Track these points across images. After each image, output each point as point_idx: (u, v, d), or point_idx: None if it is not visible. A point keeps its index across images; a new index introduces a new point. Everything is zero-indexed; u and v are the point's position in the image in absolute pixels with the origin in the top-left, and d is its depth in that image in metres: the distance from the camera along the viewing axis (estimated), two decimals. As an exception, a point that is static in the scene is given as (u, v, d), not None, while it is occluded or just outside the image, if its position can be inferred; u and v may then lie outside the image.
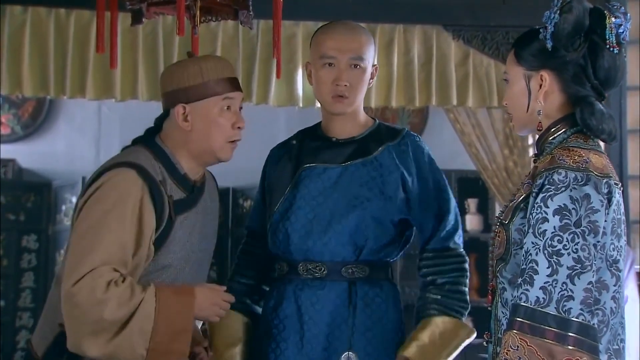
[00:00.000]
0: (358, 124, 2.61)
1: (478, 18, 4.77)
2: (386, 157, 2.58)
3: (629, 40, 5.20)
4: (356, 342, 2.50)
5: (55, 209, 6.53)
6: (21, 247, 6.47)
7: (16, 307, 6.41)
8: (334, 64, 2.52)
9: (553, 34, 2.06)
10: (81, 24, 4.54)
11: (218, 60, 2.45)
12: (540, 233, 1.95)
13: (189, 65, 2.40)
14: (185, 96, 2.37)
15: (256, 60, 4.64)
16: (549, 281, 1.92)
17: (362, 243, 2.53)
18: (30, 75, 4.50)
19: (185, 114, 2.37)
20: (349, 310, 2.50)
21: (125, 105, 5.02)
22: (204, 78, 2.37)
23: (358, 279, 2.54)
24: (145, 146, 2.41)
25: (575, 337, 1.90)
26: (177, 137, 2.39)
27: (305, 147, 2.62)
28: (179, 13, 2.49)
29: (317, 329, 2.50)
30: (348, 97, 2.53)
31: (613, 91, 4.86)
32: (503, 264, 2.09)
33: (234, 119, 2.39)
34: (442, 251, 2.59)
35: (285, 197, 2.57)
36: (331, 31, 2.57)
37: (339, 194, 2.54)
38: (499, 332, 2.09)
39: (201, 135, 2.37)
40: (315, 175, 2.56)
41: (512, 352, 1.90)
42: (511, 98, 2.16)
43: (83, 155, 6.67)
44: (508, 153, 5.20)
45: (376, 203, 2.54)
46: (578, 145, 2.05)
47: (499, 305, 2.10)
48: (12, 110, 6.74)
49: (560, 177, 1.97)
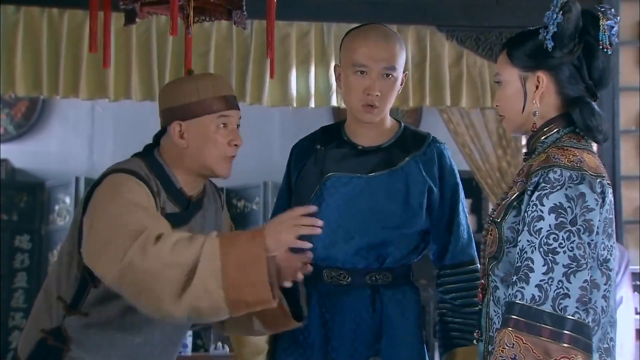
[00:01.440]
0: (384, 131, 2.59)
1: (472, 19, 4.78)
2: (413, 168, 2.56)
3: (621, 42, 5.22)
4: (381, 347, 2.49)
5: (48, 209, 6.53)
6: (14, 247, 6.46)
7: (9, 307, 6.40)
8: (366, 72, 2.48)
9: (556, 34, 2.05)
10: (74, 24, 4.54)
11: (215, 78, 2.45)
12: (535, 231, 1.95)
13: (185, 83, 2.40)
14: (181, 113, 2.37)
15: (250, 60, 4.64)
16: (545, 279, 1.92)
17: (385, 253, 2.53)
18: (24, 74, 4.50)
19: (181, 131, 2.37)
20: (373, 317, 2.50)
21: (118, 105, 5.01)
22: (200, 96, 2.37)
23: (382, 285, 2.53)
24: (141, 158, 2.40)
25: (570, 334, 1.90)
26: (174, 153, 2.40)
27: (331, 154, 2.59)
28: (173, 13, 2.49)
29: (342, 335, 2.50)
30: (378, 106, 2.50)
31: (605, 91, 4.90)
32: (495, 262, 2.09)
33: (230, 137, 2.39)
34: (459, 266, 2.60)
35: (311, 203, 2.54)
36: (364, 38, 2.52)
37: (364, 204, 2.52)
38: (491, 330, 2.09)
39: (197, 152, 2.37)
40: (341, 184, 2.53)
41: (507, 349, 1.90)
42: (505, 99, 2.15)
43: (76, 155, 6.66)
44: (501, 153, 5.20)
45: (401, 215, 2.53)
46: (572, 145, 2.06)
47: (491, 303, 2.10)
48: (5, 110, 6.73)
49: (556, 175, 1.97)
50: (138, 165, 2.36)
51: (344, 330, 2.49)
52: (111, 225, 2.18)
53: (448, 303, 2.61)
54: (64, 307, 2.31)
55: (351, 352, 2.49)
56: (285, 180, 2.70)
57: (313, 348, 2.51)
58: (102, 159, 6.72)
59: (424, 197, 2.55)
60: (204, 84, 2.39)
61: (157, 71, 4.58)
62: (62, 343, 2.31)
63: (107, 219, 2.20)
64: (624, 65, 4.96)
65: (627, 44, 4.99)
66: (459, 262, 2.60)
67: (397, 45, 2.52)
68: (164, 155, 2.41)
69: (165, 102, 2.42)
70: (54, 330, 2.33)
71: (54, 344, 2.32)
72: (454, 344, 2.58)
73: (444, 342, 2.62)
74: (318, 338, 2.50)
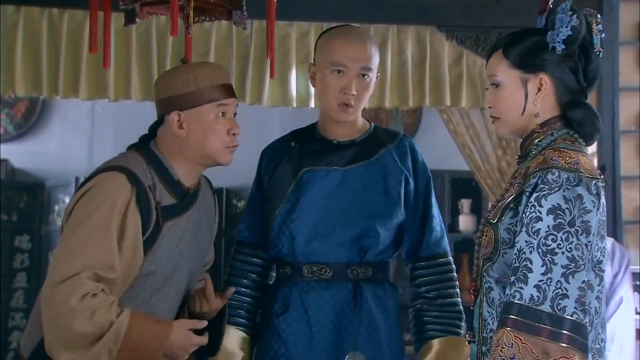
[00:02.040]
0: (357, 127, 2.63)
1: (471, 19, 4.78)
2: (389, 159, 2.61)
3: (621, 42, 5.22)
4: (362, 341, 2.51)
5: (48, 209, 6.52)
6: (14, 248, 6.45)
7: (9, 307, 6.39)
8: (344, 71, 2.53)
9: (570, 37, 2.07)
10: (74, 24, 4.54)
11: (212, 67, 2.45)
12: (534, 232, 1.96)
13: (183, 72, 2.39)
14: (180, 103, 2.37)
15: (250, 61, 4.64)
16: (543, 279, 1.93)
17: (367, 245, 2.55)
18: (23, 75, 4.50)
19: (180, 121, 2.37)
20: (354, 311, 2.51)
21: (118, 105, 5.01)
22: (198, 85, 2.36)
23: (362, 280, 2.55)
24: (138, 151, 2.40)
25: (569, 334, 1.91)
26: (173, 143, 2.39)
27: (306, 150, 2.62)
28: (173, 13, 2.49)
29: (325, 330, 2.51)
30: (354, 105, 2.55)
31: (605, 91, 4.90)
32: (490, 263, 2.09)
33: (229, 125, 2.39)
34: (434, 259, 2.64)
35: (287, 199, 2.56)
36: (343, 38, 2.56)
37: (343, 196, 2.55)
38: (484, 332, 2.10)
39: (197, 142, 2.37)
40: (319, 178, 2.56)
41: (506, 349, 1.91)
42: (503, 101, 2.15)
43: (76, 155, 6.65)
44: (501, 153, 5.20)
45: (381, 205, 2.56)
46: (567, 147, 2.07)
47: (484, 304, 2.10)
48: (5, 110, 6.73)
49: (554, 177, 1.98)
50: (135, 160, 2.36)
51: (327, 325, 2.51)
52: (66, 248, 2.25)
53: (422, 297, 2.64)
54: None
55: (333, 347, 2.51)
56: (256, 183, 2.72)
57: (297, 344, 2.52)
58: (102, 159, 6.65)
59: (401, 187, 2.59)
60: (202, 72, 2.38)
61: (157, 71, 4.58)
62: None
63: (66, 237, 2.27)
64: (624, 66, 4.95)
65: (627, 44, 4.99)
66: (433, 255, 2.64)
67: (372, 48, 2.58)
68: (161, 146, 2.40)
69: (163, 92, 2.41)
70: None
71: None
72: (430, 336, 2.61)
73: (419, 337, 2.63)
74: (301, 334, 2.51)
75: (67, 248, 2.25)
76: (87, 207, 2.27)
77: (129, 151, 2.44)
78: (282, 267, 2.61)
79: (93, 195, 2.29)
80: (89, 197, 2.29)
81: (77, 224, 2.26)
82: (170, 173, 2.38)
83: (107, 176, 2.30)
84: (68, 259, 2.22)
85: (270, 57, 2.81)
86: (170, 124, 2.38)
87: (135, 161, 2.35)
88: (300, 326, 2.53)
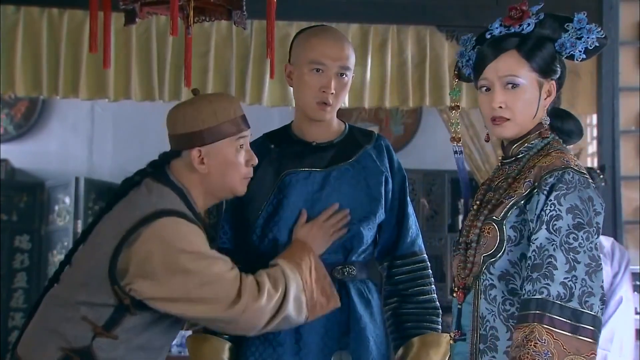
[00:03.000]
0: (333, 129, 2.63)
1: (471, 19, 4.78)
2: (368, 159, 2.61)
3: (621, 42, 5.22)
4: (349, 340, 2.51)
5: (48, 209, 6.52)
6: (14, 248, 6.45)
7: (8, 307, 6.40)
8: (323, 70, 2.53)
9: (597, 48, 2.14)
10: (74, 24, 4.54)
11: (230, 100, 2.44)
12: (555, 229, 2.00)
13: (203, 108, 2.38)
14: (201, 139, 2.36)
15: (250, 61, 4.64)
16: (569, 277, 1.97)
17: (351, 245, 2.56)
18: (23, 75, 4.50)
19: (201, 157, 2.37)
20: (341, 311, 2.51)
21: (118, 105, 5.01)
22: (218, 120, 2.36)
23: (347, 279, 2.55)
24: (170, 188, 2.38)
25: (593, 330, 1.97)
26: (193, 178, 2.39)
27: (285, 152, 2.60)
28: (173, 13, 2.49)
29: (313, 331, 2.51)
30: (332, 104, 2.55)
31: (605, 91, 4.89)
32: (492, 260, 2.10)
33: (247, 157, 2.41)
34: (410, 256, 2.65)
35: (269, 202, 2.55)
36: (322, 37, 2.57)
37: (326, 197, 2.55)
38: (482, 329, 2.10)
39: (218, 177, 2.38)
40: (301, 180, 2.55)
41: (540, 344, 1.94)
42: (522, 103, 2.14)
43: (76, 155, 6.66)
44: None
45: (364, 206, 2.57)
46: (562, 149, 2.13)
47: (482, 301, 2.11)
48: (5, 110, 6.73)
49: (570, 177, 2.03)
50: (175, 200, 2.35)
51: (314, 325, 2.50)
52: (199, 277, 2.29)
53: (399, 295, 2.65)
54: (94, 328, 2.29)
55: (321, 347, 2.50)
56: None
57: (284, 346, 2.51)
58: (102, 159, 6.72)
59: (382, 187, 2.60)
60: (221, 107, 2.38)
61: (157, 71, 4.59)
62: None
63: (186, 272, 2.28)
64: (624, 66, 4.96)
65: (627, 44, 4.99)
66: (410, 253, 2.65)
67: (350, 48, 2.59)
68: (182, 180, 2.39)
69: (181, 127, 2.39)
70: (81, 350, 2.28)
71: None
72: (411, 334, 2.61)
73: (398, 335, 2.64)
74: (288, 335, 2.51)
75: (202, 280, 2.28)
76: (178, 242, 2.29)
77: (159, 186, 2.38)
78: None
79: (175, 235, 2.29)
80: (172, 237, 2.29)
81: (180, 257, 2.27)
82: (194, 207, 2.39)
83: (172, 220, 2.30)
84: (213, 287, 2.29)
85: (270, 57, 2.81)
86: (191, 160, 2.37)
87: (176, 201, 2.35)
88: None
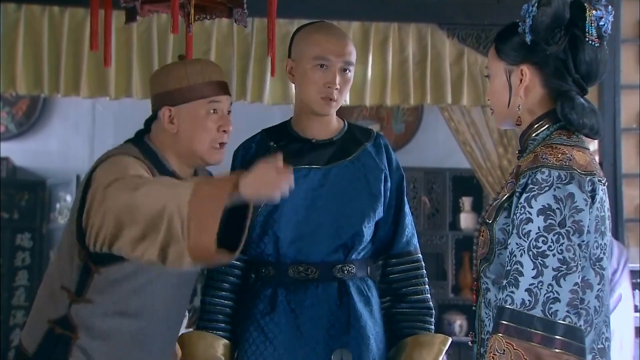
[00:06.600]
0: (333, 126, 2.64)
1: (472, 17, 4.78)
2: (367, 157, 2.62)
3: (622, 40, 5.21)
4: (349, 339, 2.51)
5: (49, 207, 6.53)
6: (15, 246, 6.46)
7: (10, 305, 6.40)
8: (327, 66, 2.53)
9: (531, 27, 2.03)
10: (75, 22, 4.54)
11: (205, 64, 2.46)
12: (524, 234, 1.93)
13: (175, 69, 2.42)
14: (171, 99, 2.39)
15: (251, 59, 4.64)
16: (535, 283, 1.90)
17: (351, 243, 2.56)
18: (24, 73, 4.50)
19: (171, 117, 2.39)
20: (341, 309, 2.52)
21: (119, 103, 5.01)
22: (189, 81, 2.39)
23: (347, 278, 2.55)
24: (134, 144, 2.43)
25: (562, 339, 1.88)
26: (164, 138, 2.42)
27: (284, 149, 2.59)
28: (173, 11, 2.49)
29: (314, 329, 2.51)
30: (336, 99, 2.56)
31: (607, 89, 4.89)
32: (487, 264, 2.07)
33: (220, 122, 2.41)
34: (405, 255, 2.66)
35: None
36: (326, 33, 2.57)
37: (326, 195, 2.55)
38: (483, 333, 2.08)
39: (187, 137, 2.39)
40: (300, 177, 2.54)
41: (498, 356, 1.88)
42: (493, 93, 2.14)
43: (77, 154, 6.66)
44: (502, 151, 5.20)
45: (364, 203, 2.57)
46: (561, 142, 2.03)
47: (482, 305, 2.08)
48: (6, 109, 6.73)
49: (544, 176, 1.95)
50: (133, 151, 2.38)
51: (315, 324, 2.51)
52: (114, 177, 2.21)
53: (393, 294, 2.65)
54: (69, 295, 2.33)
55: (322, 346, 2.51)
56: None
57: (286, 345, 2.51)
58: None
59: (381, 184, 2.61)
60: (194, 69, 2.40)
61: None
62: (70, 331, 2.33)
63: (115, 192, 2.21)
64: (625, 64, 4.95)
65: (628, 42, 4.98)
66: (405, 252, 2.66)
67: (352, 44, 2.61)
68: (155, 141, 2.43)
69: (156, 88, 2.44)
70: (61, 319, 2.34)
71: (62, 333, 2.33)
72: (404, 333, 2.62)
73: (392, 334, 2.63)
74: (290, 334, 2.51)
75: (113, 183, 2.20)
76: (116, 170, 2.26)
77: (126, 144, 2.45)
78: (264, 268, 2.58)
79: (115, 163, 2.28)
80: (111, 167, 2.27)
81: (109, 182, 2.22)
82: (165, 165, 2.40)
83: (119, 158, 2.31)
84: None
85: (271, 55, 2.82)
86: (161, 119, 2.40)
87: (133, 152, 2.38)
88: (288, 326, 2.51)
